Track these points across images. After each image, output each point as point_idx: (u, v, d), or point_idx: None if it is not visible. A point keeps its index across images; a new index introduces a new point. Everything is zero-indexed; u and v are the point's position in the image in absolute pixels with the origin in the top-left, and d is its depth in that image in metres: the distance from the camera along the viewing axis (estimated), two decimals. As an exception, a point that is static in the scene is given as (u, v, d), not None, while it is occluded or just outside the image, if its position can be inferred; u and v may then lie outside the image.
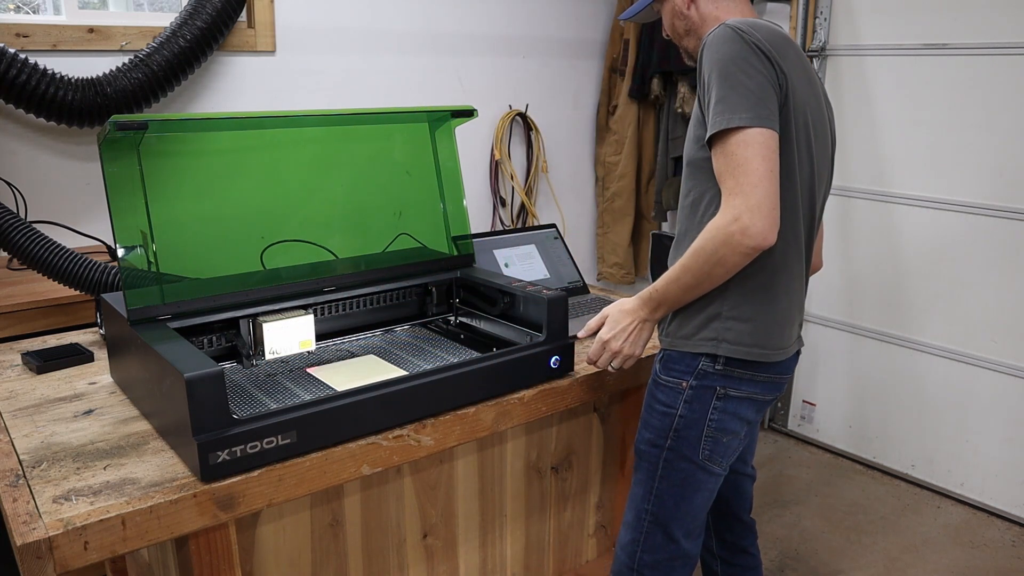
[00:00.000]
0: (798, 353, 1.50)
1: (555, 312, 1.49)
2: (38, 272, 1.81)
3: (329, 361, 1.50)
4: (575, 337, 1.54)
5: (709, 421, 1.40)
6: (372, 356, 1.52)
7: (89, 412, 1.36)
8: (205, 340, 1.45)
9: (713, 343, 1.37)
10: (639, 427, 1.49)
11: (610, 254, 3.67)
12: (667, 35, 1.56)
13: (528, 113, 3.38)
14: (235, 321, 1.46)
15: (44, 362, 1.54)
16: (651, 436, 1.45)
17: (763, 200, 1.23)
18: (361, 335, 1.63)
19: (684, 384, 1.40)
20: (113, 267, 1.82)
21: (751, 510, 1.72)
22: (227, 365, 1.47)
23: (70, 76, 2.22)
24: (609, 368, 1.49)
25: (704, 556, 1.74)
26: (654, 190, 3.57)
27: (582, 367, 1.58)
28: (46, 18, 2.41)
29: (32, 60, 2.14)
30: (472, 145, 3.25)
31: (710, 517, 1.69)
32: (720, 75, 1.26)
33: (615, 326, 1.45)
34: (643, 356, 1.48)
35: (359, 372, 1.43)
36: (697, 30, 1.47)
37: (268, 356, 1.44)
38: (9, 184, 2.27)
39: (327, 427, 1.23)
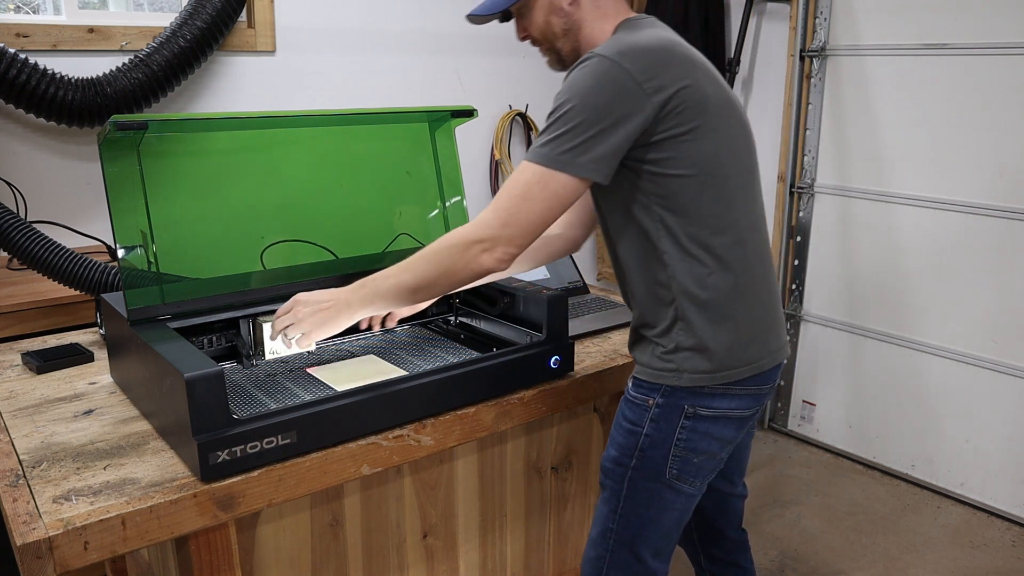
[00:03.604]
0: (781, 362, 1.40)
1: (555, 312, 1.49)
2: (38, 272, 1.81)
3: (329, 361, 1.50)
4: (575, 337, 1.53)
5: (677, 441, 1.32)
6: (372, 356, 1.52)
7: (89, 412, 1.36)
8: (205, 340, 1.45)
9: (674, 374, 1.30)
10: (607, 443, 1.42)
11: (610, 254, 3.66)
12: (532, 37, 1.40)
13: (528, 113, 3.39)
14: (235, 321, 1.46)
15: (44, 362, 1.54)
16: (616, 454, 1.37)
17: (520, 242, 1.21)
18: (361, 335, 1.63)
19: (651, 402, 1.33)
20: (113, 267, 1.82)
21: (740, 526, 1.65)
22: (227, 365, 1.47)
23: (70, 76, 2.22)
24: (282, 338, 1.33)
25: (695, 568, 1.72)
26: (654, 190, 3.57)
27: (582, 367, 1.58)
28: (46, 18, 2.42)
29: (32, 60, 2.14)
30: (472, 145, 3.25)
31: (695, 533, 1.64)
32: (569, 108, 1.19)
33: (316, 296, 1.31)
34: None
35: (359, 372, 1.43)
36: (576, 30, 1.35)
37: (268, 356, 1.44)
38: (9, 184, 2.27)
39: (327, 427, 1.23)
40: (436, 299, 1.43)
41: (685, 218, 1.25)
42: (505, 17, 1.39)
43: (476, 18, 1.39)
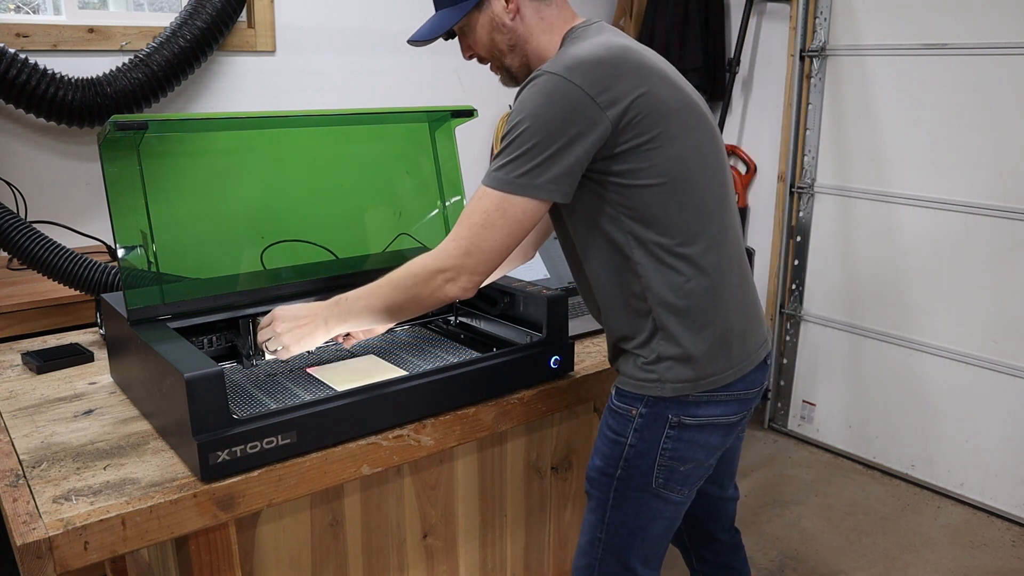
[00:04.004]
0: (766, 363, 1.39)
1: (555, 312, 1.48)
2: (38, 272, 1.81)
3: (329, 361, 1.50)
4: (575, 337, 1.53)
5: (662, 451, 1.30)
6: (372, 356, 1.52)
7: (89, 412, 1.36)
8: (205, 340, 1.45)
9: (657, 385, 1.28)
10: (592, 453, 1.40)
11: (610, 254, 3.66)
12: (479, 56, 1.38)
13: (528, 113, 3.38)
14: (235, 321, 1.46)
15: (44, 362, 1.54)
16: (601, 464, 1.36)
17: (483, 269, 1.21)
18: (361, 335, 1.63)
19: (634, 412, 1.31)
20: (113, 267, 1.82)
21: (732, 528, 1.63)
22: (227, 365, 1.47)
23: (70, 76, 2.22)
24: (265, 348, 1.36)
25: (689, 569, 1.71)
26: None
27: (582, 367, 1.58)
28: (46, 18, 2.41)
29: (32, 60, 2.14)
30: (472, 145, 3.25)
31: (686, 536, 1.62)
32: (523, 130, 1.17)
33: (292, 311, 1.32)
34: None
35: (359, 372, 1.43)
36: (523, 45, 1.31)
37: (268, 356, 1.44)
38: (9, 184, 2.27)
39: (327, 427, 1.23)
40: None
41: (656, 227, 1.23)
42: (450, 35, 1.37)
43: (418, 43, 1.37)
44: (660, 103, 1.20)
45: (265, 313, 1.43)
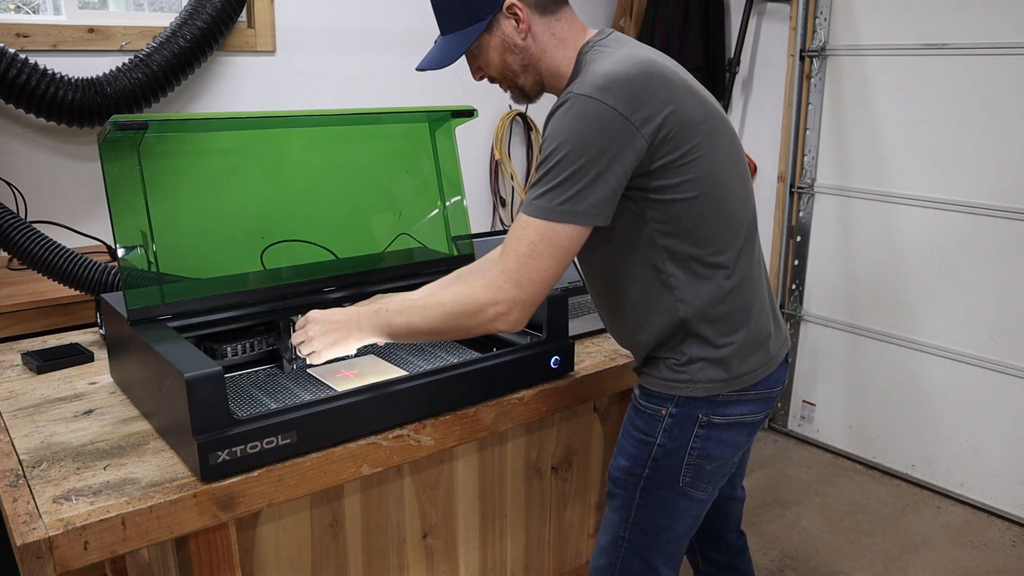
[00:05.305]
0: (787, 361, 1.41)
1: (555, 312, 1.48)
2: (38, 272, 1.81)
3: (329, 361, 1.50)
4: (575, 337, 1.53)
5: (690, 450, 1.31)
6: (372, 356, 1.52)
7: (89, 412, 1.36)
8: (248, 344, 1.44)
9: (688, 385, 1.29)
10: (615, 452, 1.40)
11: (610, 254, 3.66)
12: (490, 76, 1.37)
13: (528, 113, 3.38)
14: (275, 323, 1.46)
15: (44, 362, 1.54)
16: (627, 464, 1.36)
17: (535, 300, 1.20)
18: (361, 335, 1.63)
19: (663, 412, 1.31)
20: (113, 267, 1.82)
21: (739, 529, 1.65)
22: (267, 367, 1.47)
23: (70, 76, 2.22)
24: (298, 351, 1.34)
25: (694, 570, 1.71)
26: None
27: (582, 367, 1.58)
28: (46, 18, 2.42)
29: (32, 60, 2.14)
30: (472, 145, 3.25)
31: (694, 536, 1.61)
32: (562, 156, 1.15)
33: (327, 315, 1.31)
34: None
35: (359, 372, 1.43)
36: (535, 63, 1.30)
37: (309, 361, 1.41)
38: (9, 184, 2.27)
39: (327, 427, 1.23)
40: None
41: (689, 239, 1.24)
42: None
43: (427, 70, 1.36)
44: (689, 117, 1.20)
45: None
